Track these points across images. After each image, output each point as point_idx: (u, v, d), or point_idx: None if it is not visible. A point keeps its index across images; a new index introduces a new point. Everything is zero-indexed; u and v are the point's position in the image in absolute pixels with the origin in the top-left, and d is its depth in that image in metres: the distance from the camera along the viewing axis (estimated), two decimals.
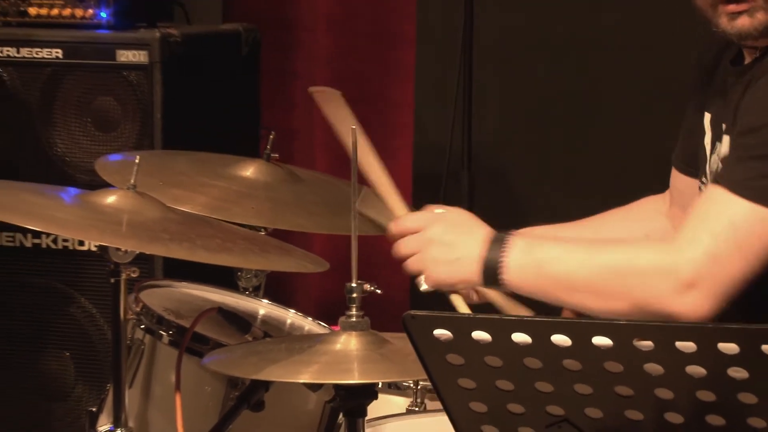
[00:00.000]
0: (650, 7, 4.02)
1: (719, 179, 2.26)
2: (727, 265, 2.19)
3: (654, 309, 2.21)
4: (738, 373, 1.68)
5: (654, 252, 2.28)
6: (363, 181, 2.39)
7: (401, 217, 2.45)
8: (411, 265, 2.40)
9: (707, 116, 2.47)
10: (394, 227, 2.43)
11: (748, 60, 2.38)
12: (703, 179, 2.48)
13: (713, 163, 2.44)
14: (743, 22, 2.28)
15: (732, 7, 2.27)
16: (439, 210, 2.46)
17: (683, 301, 2.19)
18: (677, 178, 2.63)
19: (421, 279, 2.39)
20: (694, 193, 2.53)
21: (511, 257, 2.29)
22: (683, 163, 2.60)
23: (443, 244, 2.37)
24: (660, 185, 2.66)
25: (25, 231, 3.51)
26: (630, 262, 2.28)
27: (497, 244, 2.31)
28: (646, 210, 2.72)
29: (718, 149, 2.41)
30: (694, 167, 2.56)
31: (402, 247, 2.39)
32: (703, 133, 2.49)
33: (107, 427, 2.47)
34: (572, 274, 2.29)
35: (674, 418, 1.75)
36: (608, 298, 2.26)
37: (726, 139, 2.37)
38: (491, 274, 2.30)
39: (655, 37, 3.94)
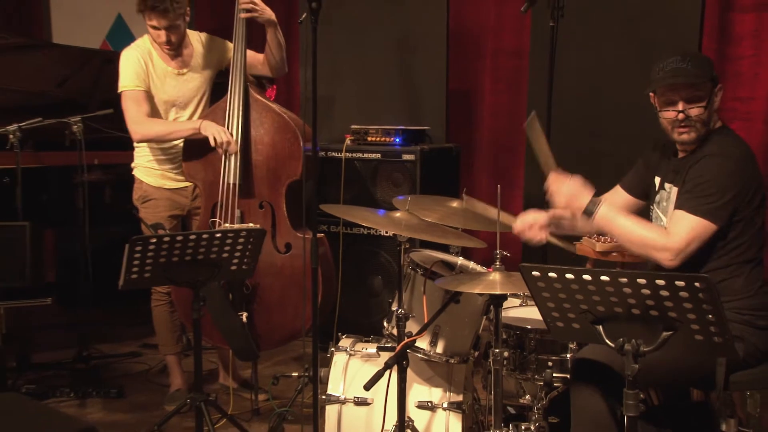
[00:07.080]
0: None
1: (682, 207, 2.11)
2: (689, 248, 2.08)
3: (654, 260, 2.09)
4: (664, 292, 1.63)
5: (659, 235, 2.10)
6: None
7: (554, 173, 2.20)
8: (555, 197, 2.18)
9: (657, 178, 2.32)
10: (551, 179, 2.21)
11: (681, 155, 2.24)
12: (652, 207, 2.33)
13: (658, 199, 2.29)
14: (686, 137, 2.17)
15: (681, 130, 2.16)
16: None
17: (669, 262, 2.07)
18: (618, 192, 2.40)
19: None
20: (625, 203, 2.35)
21: (600, 210, 2.14)
22: (626, 187, 2.39)
23: (572, 192, 2.18)
24: None
25: (365, 227, 3.57)
26: (646, 238, 2.09)
27: (593, 203, 2.16)
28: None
29: (662, 193, 2.27)
30: (636, 194, 2.37)
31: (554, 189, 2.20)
32: (654, 186, 2.33)
33: (395, 307, 2.46)
34: (621, 231, 2.12)
35: (635, 311, 1.70)
36: (634, 250, 2.12)
37: (673, 189, 2.22)
38: (589, 214, 2.15)
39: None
